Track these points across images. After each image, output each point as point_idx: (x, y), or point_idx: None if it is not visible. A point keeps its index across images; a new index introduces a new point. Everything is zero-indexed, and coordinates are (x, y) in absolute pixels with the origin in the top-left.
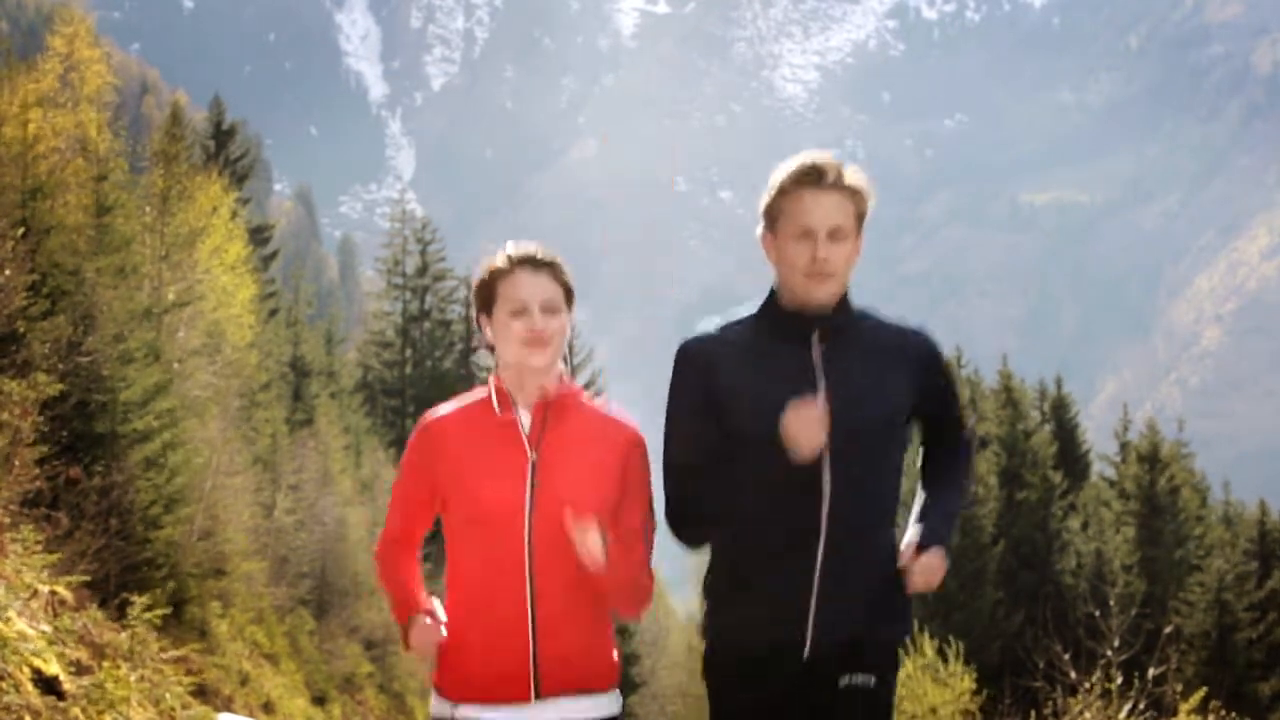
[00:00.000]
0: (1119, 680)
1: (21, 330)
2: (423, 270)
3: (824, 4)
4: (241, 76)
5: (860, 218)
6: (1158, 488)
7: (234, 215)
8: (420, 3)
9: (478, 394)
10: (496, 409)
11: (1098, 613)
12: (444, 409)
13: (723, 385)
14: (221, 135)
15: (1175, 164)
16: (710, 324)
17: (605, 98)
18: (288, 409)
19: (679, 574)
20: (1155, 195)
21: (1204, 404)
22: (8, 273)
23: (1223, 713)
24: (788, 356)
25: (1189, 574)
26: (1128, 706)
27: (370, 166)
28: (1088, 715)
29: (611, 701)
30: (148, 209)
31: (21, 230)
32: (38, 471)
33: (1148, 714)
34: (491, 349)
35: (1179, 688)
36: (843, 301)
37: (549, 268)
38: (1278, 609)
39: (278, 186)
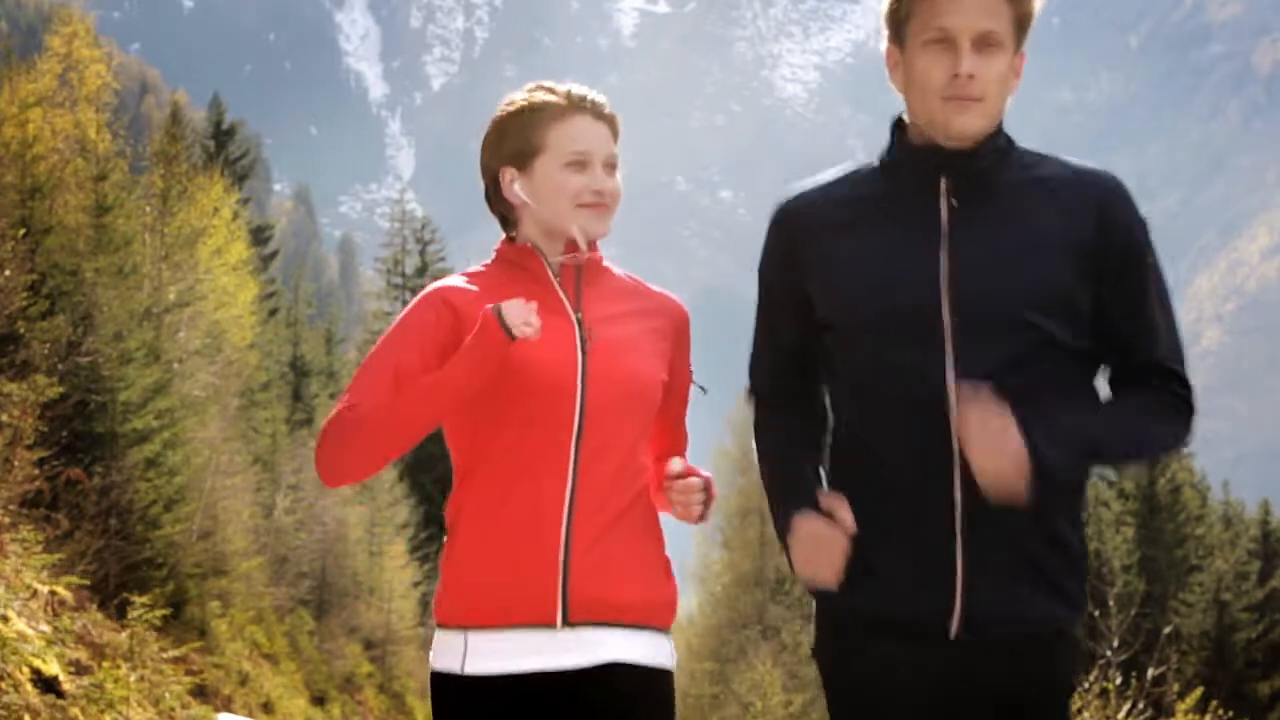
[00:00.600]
0: (1118, 680)
1: (21, 330)
2: (422, 270)
3: (824, 3)
4: (241, 76)
5: (1021, 24)
6: (1158, 487)
7: (236, 216)
8: (420, 2)
9: (481, 265)
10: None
11: (1096, 613)
12: (449, 280)
13: (819, 255)
14: (221, 135)
15: (1176, 163)
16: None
17: (605, 97)
18: (287, 409)
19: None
20: (1156, 195)
21: (1204, 403)
22: (7, 273)
23: (1221, 712)
24: (907, 213)
25: (1189, 574)
26: (1126, 706)
27: (370, 166)
28: (1086, 715)
29: (661, 645)
30: (148, 209)
31: (21, 230)
32: (37, 472)
33: (1147, 714)
34: (504, 217)
35: (1178, 688)
36: (993, 137)
37: (610, 121)
38: (1277, 609)
39: (277, 186)
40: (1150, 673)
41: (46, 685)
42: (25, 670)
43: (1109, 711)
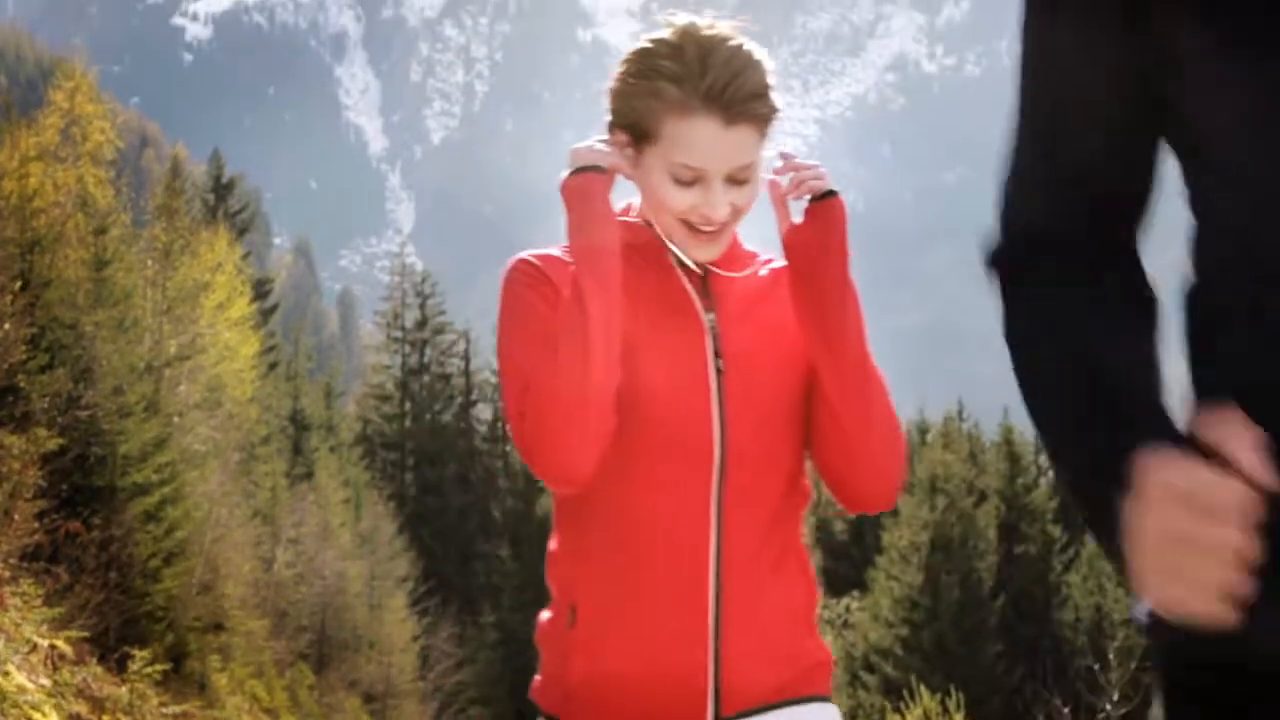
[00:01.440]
0: None
1: (21, 384)
2: (422, 324)
3: (823, 58)
4: (241, 129)
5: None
6: None
7: (238, 271)
8: (420, 56)
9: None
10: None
11: (1097, 666)
12: (537, 251)
13: None
14: (221, 189)
15: (1175, 213)
16: None
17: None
18: (287, 462)
19: None
20: (1155, 243)
21: None
22: (6, 327)
23: None
24: None
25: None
26: None
27: (370, 220)
28: None
29: (827, 713)
30: (149, 263)
31: (20, 284)
32: (37, 525)
33: None
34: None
35: None
36: None
37: (751, 116)
38: None
39: (277, 240)
40: None
41: None
42: None
43: None
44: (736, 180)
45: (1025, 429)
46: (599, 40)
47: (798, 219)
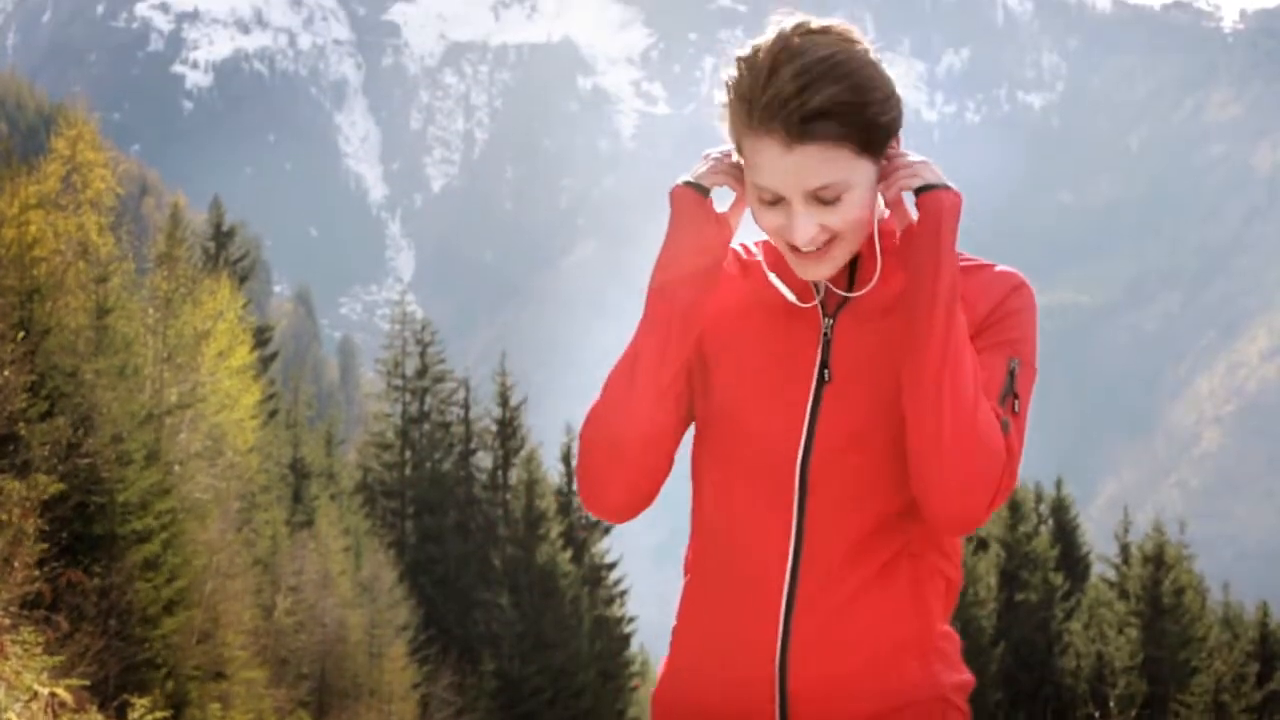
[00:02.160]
0: None
1: (21, 432)
2: (422, 372)
3: None
4: (241, 177)
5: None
6: (1162, 589)
7: (238, 319)
8: (420, 104)
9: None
10: (782, 290)
11: (1097, 714)
12: None
13: None
14: (222, 237)
15: (1175, 264)
16: None
17: (605, 199)
18: (288, 511)
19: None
20: (1155, 296)
21: (1203, 505)
22: (7, 374)
23: None
24: None
25: (1189, 675)
26: None
27: (370, 267)
28: None
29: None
30: (150, 310)
31: (21, 332)
32: (38, 573)
33: None
34: None
35: None
36: None
37: (817, 135)
38: (1276, 711)
39: (278, 288)
40: None
41: None
42: None
43: None
44: (822, 200)
45: (1025, 476)
46: (599, 88)
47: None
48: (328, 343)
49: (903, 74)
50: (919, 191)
